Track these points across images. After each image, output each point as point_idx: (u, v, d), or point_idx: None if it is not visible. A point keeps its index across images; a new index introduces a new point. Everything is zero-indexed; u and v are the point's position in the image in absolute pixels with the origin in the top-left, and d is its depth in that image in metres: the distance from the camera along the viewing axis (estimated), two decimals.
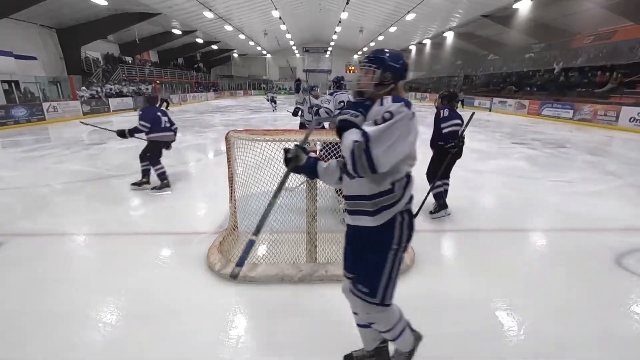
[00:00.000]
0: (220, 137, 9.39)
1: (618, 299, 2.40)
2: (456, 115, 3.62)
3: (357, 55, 45.87)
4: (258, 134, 2.82)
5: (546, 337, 2.02)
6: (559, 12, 17.84)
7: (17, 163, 6.59)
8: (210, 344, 1.95)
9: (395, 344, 1.60)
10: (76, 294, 2.41)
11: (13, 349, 1.91)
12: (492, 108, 19.83)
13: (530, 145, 8.72)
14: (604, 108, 12.77)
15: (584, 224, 3.75)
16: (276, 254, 2.78)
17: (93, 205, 4.22)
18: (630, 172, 6.02)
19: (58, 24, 17.68)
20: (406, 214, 1.42)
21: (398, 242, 1.41)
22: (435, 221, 3.79)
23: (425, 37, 30.74)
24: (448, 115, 3.58)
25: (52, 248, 3.13)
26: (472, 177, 5.57)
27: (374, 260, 1.42)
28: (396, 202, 1.38)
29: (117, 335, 2.02)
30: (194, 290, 2.45)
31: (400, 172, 1.36)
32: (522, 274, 2.71)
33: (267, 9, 22.78)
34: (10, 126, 11.95)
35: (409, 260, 2.73)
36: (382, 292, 1.44)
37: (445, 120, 3.56)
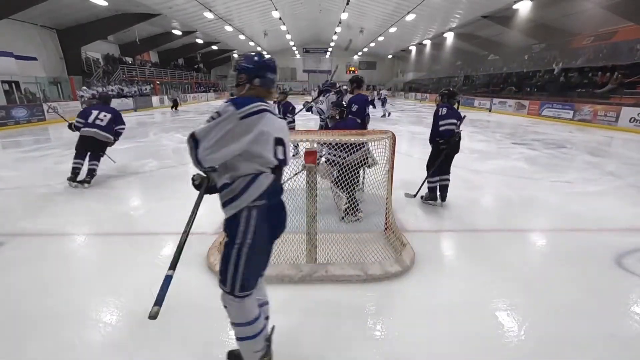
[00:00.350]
0: None
1: (618, 299, 2.40)
2: (453, 114, 3.87)
3: (357, 56, 45.91)
4: None
5: (546, 337, 2.02)
6: (559, 13, 17.84)
7: (17, 163, 6.60)
8: (210, 344, 1.95)
9: (239, 345, 1.60)
10: (76, 294, 2.41)
11: (13, 349, 1.91)
12: (492, 108, 19.85)
13: (531, 145, 8.72)
14: (604, 108, 12.77)
15: (584, 224, 3.74)
16: (276, 254, 2.78)
17: (93, 205, 4.23)
18: (630, 172, 6.02)
19: (58, 24, 17.70)
20: (254, 210, 1.43)
21: (242, 237, 1.43)
22: (435, 221, 3.81)
23: (425, 38, 30.74)
24: (445, 114, 3.83)
25: (52, 248, 3.13)
26: (472, 177, 5.57)
27: (223, 250, 1.48)
28: (236, 198, 1.42)
29: (117, 335, 2.02)
30: (194, 290, 2.45)
31: (238, 169, 1.42)
32: (522, 274, 2.71)
33: (267, 10, 22.79)
34: (11, 127, 11.96)
35: (408, 260, 2.73)
36: (230, 283, 1.46)
37: (442, 119, 3.83)
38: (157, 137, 9.60)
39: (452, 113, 3.85)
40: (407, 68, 43.27)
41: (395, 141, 3.05)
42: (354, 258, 2.77)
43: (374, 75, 48.07)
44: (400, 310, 2.26)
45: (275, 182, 1.50)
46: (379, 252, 2.76)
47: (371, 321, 2.15)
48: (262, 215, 1.45)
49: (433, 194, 4.15)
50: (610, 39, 16.87)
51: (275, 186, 1.50)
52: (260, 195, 1.44)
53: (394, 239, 3.07)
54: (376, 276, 2.55)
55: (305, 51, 45.23)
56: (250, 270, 1.48)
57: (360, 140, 2.85)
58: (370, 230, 3.20)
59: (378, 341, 1.98)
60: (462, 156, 7.25)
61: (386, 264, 2.65)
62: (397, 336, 2.02)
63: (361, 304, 2.32)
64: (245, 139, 1.37)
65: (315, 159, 2.49)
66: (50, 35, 17.83)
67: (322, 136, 2.96)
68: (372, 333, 2.05)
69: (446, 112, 3.83)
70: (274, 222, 1.54)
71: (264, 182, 1.45)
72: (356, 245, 2.97)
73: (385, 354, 1.88)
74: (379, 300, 2.35)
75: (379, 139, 2.85)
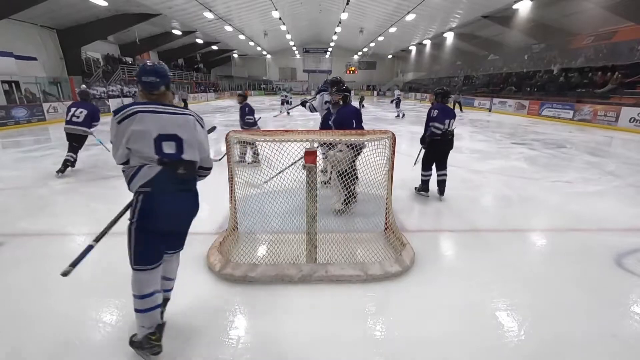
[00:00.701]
0: (220, 138, 9.36)
1: (618, 299, 2.40)
2: (445, 116, 4.12)
3: (357, 56, 45.91)
4: (258, 134, 2.83)
5: (546, 337, 2.02)
6: (559, 13, 17.83)
7: (18, 163, 6.60)
8: (210, 344, 1.95)
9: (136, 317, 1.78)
10: (76, 294, 2.41)
11: (13, 349, 1.91)
12: (492, 108, 19.85)
13: (530, 145, 8.72)
14: (604, 108, 12.77)
15: (584, 224, 3.74)
16: (276, 254, 2.78)
17: (93, 205, 4.23)
18: (630, 172, 6.02)
19: (58, 24, 17.69)
20: (141, 195, 1.66)
21: (131, 217, 1.69)
22: (435, 221, 3.82)
23: (425, 38, 30.74)
24: (436, 117, 4.12)
25: (52, 248, 3.13)
26: (472, 177, 5.57)
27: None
28: (129, 184, 1.71)
29: (117, 335, 2.01)
30: (194, 290, 2.45)
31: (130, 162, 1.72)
32: (522, 274, 2.71)
33: (267, 10, 22.79)
34: (11, 127, 11.95)
35: (408, 260, 2.73)
36: (128, 255, 1.72)
37: (432, 120, 4.14)
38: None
39: (443, 116, 4.11)
40: (407, 68, 43.27)
41: (395, 141, 3.05)
42: (354, 258, 2.77)
43: (374, 75, 48.08)
44: (400, 311, 2.26)
45: (164, 174, 1.66)
46: (379, 252, 2.76)
47: (371, 321, 2.16)
48: (148, 201, 1.66)
49: (425, 185, 4.51)
50: (610, 39, 16.86)
51: (164, 177, 1.66)
52: (145, 184, 1.65)
53: (394, 239, 3.07)
54: (376, 276, 2.55)
55: (305, 51, 45.22)
56: (140, 247, 1.70)
57: (361, 140, 2.85)
58: (370, 230, 3.20)
59: (378, 341, 1.98)
60: (462, 156, 7.28)
61: (386, 264, 2.65)
62: (397, 336, 2.02)
63: (361, 304, 2.32)
64: (123, 140, 1.65)
65: (315, 158, 2.49)
66: (50, 35, 17.82)
67: (322, 136, 2.97)
68: (372, 333, 2.05)
69: (437, 115, 4.11)
70: (163, 210, 1.69)
71: (148, 173, 1.65)
72: (356, 245, 2.98)
73: (386, 354, 1.88)
74: (379, 301, 2.35)
75: (379, 139, 2.85)
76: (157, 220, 1.69)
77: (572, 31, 18.99)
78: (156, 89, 1.76)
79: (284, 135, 3.03)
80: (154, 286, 1.77)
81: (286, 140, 2.66)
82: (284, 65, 47.95)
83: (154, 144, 1.65)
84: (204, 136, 1.87)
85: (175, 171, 1.70)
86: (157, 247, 1.77)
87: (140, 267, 1.72)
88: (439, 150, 4.28)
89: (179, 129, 1.71)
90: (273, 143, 2.66)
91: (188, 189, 1.80)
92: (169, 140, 1.68)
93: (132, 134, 1.63)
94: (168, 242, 1.87)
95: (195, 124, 1.79)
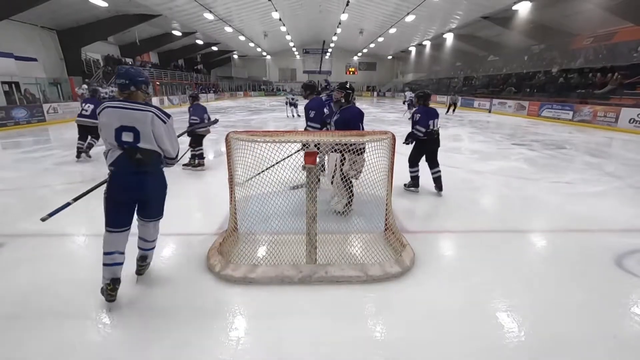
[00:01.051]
0: (220, 139, 9.39)
1: (618, 299, 2.40)
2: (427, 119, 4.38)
3: (357, 57, 45.96)
4: (258, 135, 2.83)
5: (546, 337, 2.02)
6: (559, 13, 17.86)
7: (17, 164, 6.60)
8: (210, 345, 1.94)
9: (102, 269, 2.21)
10: (76, 294, 2.41)
11: (13, 349, 1.91)
12: (492, 109, 19.86)
13: (530, 146, 8.72)
14: (603, 109, 12.78)
15: (584, 225, 3.75)
16: (276, 255, 2.78)
17: (93, 205, 4.21)
18: (630, 173, 6.02)
19: (58, 25, 17.71)
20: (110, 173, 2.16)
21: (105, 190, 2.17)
22: (435, 222, 3.83)
23: (425, 39, 30.78)
24: (418, 120, 4.39)
25: (52, 248, 3.13)
26: (472, 178, 5.57)
27: None
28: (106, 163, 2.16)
29: (116, 335, 2.01)
30: (194, 291, 2.45)
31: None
32: (522, 274, 2.71)
33: (267, 11, 22.82)
34: (11, 127, 11.96)
35: (408, 261, 2.73)
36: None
37: (415, 124, 4.44)
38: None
39: (426, 118, 4.37)
40: (406, 69, 43.32)
41: (395, 142, 3.06)
42: (354, 259, 2.77)
43: (374, 76, 48.13)
44: (400, 311, 2.26)
45: (124, 157, 2.11)
46: (379, 253, 2.76)
47: (371, 322, 2.16)
48: (113, 177, 2.16)
49: (415, 181, 4.72)
50: (610, 40, 16.89)
51: (124, 160, 2.11)
52: (111, 164, 2.13)
53: (393, 239, 3.07)
54: (376, 277, 2.55)
55: (305, 52, 45.28)
56: (109, 214, 2.18)
57: (361, 141, 2.86)
58: (370, 231, 3.20)
59: (378, 342, 1.98)
60: (462, 157, 7.28)
61: (386, 264, 2.65)
62: (397, 337, 2.02)
63: (361, 304, 2.32)
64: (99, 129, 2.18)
65: (315, 159, 2.49)
66: (50, 36, 17.84)
67: (322, 136, 2.97)
68: (372, 334, 2.05)
69: (419, 119, 4.38)
70: (122, 185, 2.16)
71: (112, 156, 2.13)
72: (356, 246, 2.98)
73: (386, 355, 1.88)
74: (379, 301, 2.35)
75: (379, 140, 2.86)
76: (119, 193, 2.16)
77: (572, 32, 19.02)
78: (127, 89, 2.17)
79: (284, 136, 3.03)
80: (116, 247, 2.20)
81: (286, 141, 2.66)
82: (284, 66, 47.99)
83: (114, 133, 2.09)
84: (164, 130, 2.20)
85: (132, 156, 2.11)
86: (122, 215, 2.21)
87: (108, 229, 2.19)
88: (426, 149, 4.55)
89: (136, 122, 2.10)
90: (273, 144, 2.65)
91: (144, 171, 2.17)
92: (128, 131, 2.10)
93: (101, 124, 2.13)
94: (139, 211, 2.34)
95: (154, 119, 2.14)
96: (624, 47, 15.65)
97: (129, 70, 2.21)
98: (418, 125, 4.39)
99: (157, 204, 2.38)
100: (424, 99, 4.57)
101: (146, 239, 2.47)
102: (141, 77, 2.21)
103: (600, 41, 17.39)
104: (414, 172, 4.68)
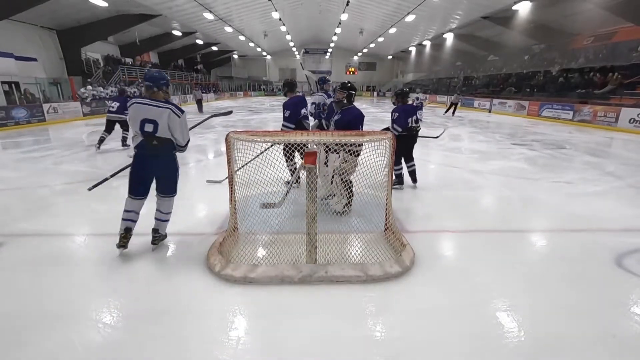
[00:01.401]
0: (220, 138, 9.39)
1: (618, 299, 2.40)
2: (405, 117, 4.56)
3: (357, 57, 45.94)
4: (258, 135, 2.83)
5: (546, 337, 2.02)
6: (559, 13, 17.85)
7: (18, 164, 6.60)
8: (210, 345, 1.94)
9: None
10: (76, 294, 2.41)
11: (13, 349, 1.91)
12: (492, 109, 19.86)
13: (530, 146, 8.72)
14: (603, 109, 12.78)
15: (583, 225, 3.75)
16: (276, 254, 2.78)
17: (93, 205, 4.22)
18: (630, 172, 6.02)
19: (58, 25, 17.69)
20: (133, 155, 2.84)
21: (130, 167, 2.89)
22: (435, 222, 3.82)
23: (425, 39, 30.77)
24: (396, 119, 4.55)
25: (52, 248, 3.13)
26: (472, 178, 5.57)
27: None
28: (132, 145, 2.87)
29: (116, 336, 2.01)
30: (194, 291, 2.45)
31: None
32: (522, 274, 2.71)
33: (267, 10, 22.81)
34: (11, 127, 11.95)
35: (408, 260, 2.73)
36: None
37: (394, 123, 4.57)
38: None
39: (405, 116, 4.55)
40: (407, 69, 43.30)
41: (395, 142, 3.05)
42: (354, 259, 2.77)
43: (374, 76, 48.10)
44: (400, 311, 2.26)
45: (144, 143, 2.73)
46: (378, 253, 2.76)
47: (371, 322, 2.16)
48: (136, 158, 2.83)
49: (399, 179, 4.82)
50: (610, 40, 16.88)
51: (144, 145, 2.74)
52: (135, 147, 2.79)
53: (393, 239, 3.07)
54: (376, 277, 2.55)
55: (305, 52, 45.26)
56: (131, 185, 2.87)
57: (360, 141, 2.85)
58: (370, 231, 3.20)
59: (378, 341, 1.98)
60: (463, 157, 7.29)
61: (386, 264, 2.65)
62: (397, 337, 2.02)
63: (361, 304, 2.32)
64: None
65: (315, 159, 2.49)
66: (50, 36, 17.82)
67: (322, 137, 2.97)
68: (372, 333, 2.05)
69: (396, 117, 4.53)
70: (142, 164, 2.83)
71: (136, 140, 2.77)
72: (356, 246, 2.98)
73: (385, 355, 1.88)
74: (379, 301, 2.35)
75: (379, 140, 2.86)
76: (139, 169, 2.84)
77: (572, 32, 19.02)
78: (151, 89, 2.76)
79: (283, 136, 3.03)
80: (133, 208, 2.89)
81: (286, 141, 2.66)
82: (284, 66, 47.96)
83: (139, 124, 2.69)
84: (178, 123, 2.76)
85: (150, 142, 2.72)
86: (140, 187, 2.87)
87: (130, 196, 2.88)
88: (405, 145, 4.67)
89: (156, 116, 2.68)
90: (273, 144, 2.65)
91: (159, 154, 2.80)
92: (149, 123, 2.68)
93: (130, 116, 2.77)
94: (156, 187, 2.95)
95: (170, 114, 2.71)
96: (624, 47, 15.64)
97: (153, 75, 2.79)
98: (395, 124, 4.54)
99: (169, 182, 2.95)
100: (401, 97, 4.72)
101: (161, 210, 3.03)
102: (163, 80, 2.79)
103: (600, 41, 17.38)
104: (398, 169, 4.79)
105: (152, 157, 2.77)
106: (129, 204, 2.88)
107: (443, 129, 5.92)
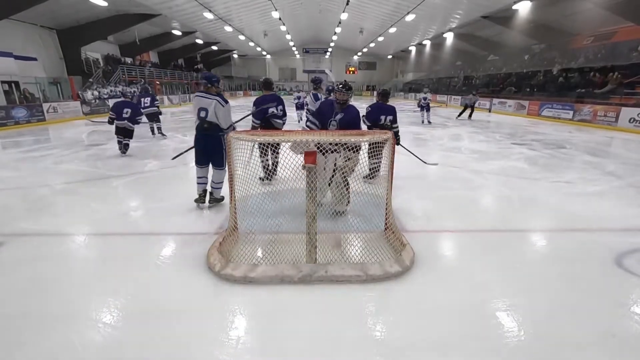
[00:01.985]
0: None
1: (618, 299, 2.40)
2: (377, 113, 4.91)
3: (357, 56, 45.92)
4: (258, 134, 2.83)
5: (546, 337, 2.02)
6: (559, 13, 17.84)
7: (17, 163, 6.60)
8: (209, 344, 1.94)
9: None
10: (76, 294, 2.41)
11: (12, 349, 1.91)
12: (492, 109, 19.83)
13: (530, 145, 8.72)
14: (603, 109, 12.77)
15: (583, 224, 3.75)
16: (276, 254, 2.78)
17: (93, 205, 4.22)
18: (630, 172, 6.02)
19: (58, 24, 17.69)
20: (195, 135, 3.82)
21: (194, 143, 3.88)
22: (435, 221, 3.82)
23: (425, 38, 30.74)
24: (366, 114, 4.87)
25: (52, 248, 3.13)
26: (472, 178, 5.57)
27: None
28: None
29: (117, 335, 2.01)
30: (194, 290, 2.45)
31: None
32: (522, 274, 2.71)
33: (267, 10, 22.81)
34: (10, 127, 11.95)
35: (408, 260, 2.73)
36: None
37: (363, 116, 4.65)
38: (157, 137, 9.61)
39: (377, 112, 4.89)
40: (407, 68, 43.27)
41: (395, 142, 3.05)
42: (354, 258, 2.77)
43: (374, 76, 48.09)
44: (400, 311, 2.26)
45: (200, 125, 3.71)
46: (378, 253, 2.76)
47: (371, 321, 2.15)
48: (195, 136, 3.81)
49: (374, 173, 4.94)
50: (610, 39, 16.87)
51: (200, 127, 3.71)
52: (196, 129, 3.75)
53: (393, 239, 3.07)
54: (376, 276, 2.55)
55: (305, 51, 45.25)
56: (196, 157, 3.86)
57: (360, 141, 2.85)
58: (370, 231, 3.20)
59: (378, 341, 1.98)
60: (462, 156, 7.29)
61: (386, 264, 2.65)
62: (397, 336, 2.02)
63: (361, 304, 2.32)
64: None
65: (315, 159, 2.49)
66: (50, 36, 17.82)
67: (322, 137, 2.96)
68: (372, 333, 2.05)
69: (368, 112, 4.91)
70: (199, 141, 3.80)
71: (196, 124, 3.73)
72: (356, 246, 2.98)
73: (385, 355, 1.88)
74: (378, 301, 2.35)
75: (379, 140, 2.85)
76: (197, 145, 3.82)
77: (572, 31, 19.00)
78: (205, 85, 3.74)
79: (283, 136, 3.03)
80: (202, 174, 3.91)
81: (286, 141, 2.66)
82: (284, 65, 47.96)
83: (197, 111, 3.68)
84: (222, 112, 3.68)
85: (203, 125, 3.69)
86: (201, 158, 3.84)
87: (196, 165, 3.88)
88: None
89: (207, 105, 3.66)
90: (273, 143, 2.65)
91: (208, 134, 3.72)
92: (203, 110, 3.65)
93: (193, 105, 3.76)
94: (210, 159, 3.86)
95: (216, 104, 3.66)
96: (624, 47, 15.62)
97: (206, 74, 3.84)
98: (365, 117, 4.78)
99: (218, 157, 3.82)
100: (382, 95, 5.13)
101: (214, 180, 3.95)
102: (214, 78, 3.78)
103: (600, 41, 17.37)
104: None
105: (204, 136, 3.70)
106: (198, 172, 3.87)
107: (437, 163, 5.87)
